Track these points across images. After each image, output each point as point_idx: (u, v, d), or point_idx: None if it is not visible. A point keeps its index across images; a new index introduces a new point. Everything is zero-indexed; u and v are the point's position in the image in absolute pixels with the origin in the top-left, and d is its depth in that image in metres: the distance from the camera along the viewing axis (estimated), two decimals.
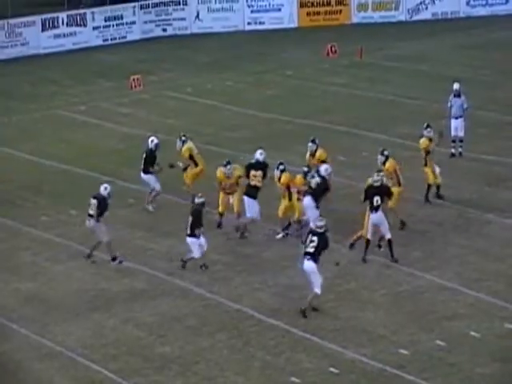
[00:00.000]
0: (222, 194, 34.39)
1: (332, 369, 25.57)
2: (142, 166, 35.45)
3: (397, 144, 35.56)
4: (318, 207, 32.01)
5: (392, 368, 25.40)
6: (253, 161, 34.14)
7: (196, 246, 30.30)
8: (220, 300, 29.14)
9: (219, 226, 34.45)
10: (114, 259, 31.55)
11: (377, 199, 30.87)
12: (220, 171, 33.93)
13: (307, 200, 32.15)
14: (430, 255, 31.10)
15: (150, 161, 35.39)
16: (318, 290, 27.44)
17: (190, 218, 30.39)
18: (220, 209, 34.31)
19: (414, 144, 34.94)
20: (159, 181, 35.52)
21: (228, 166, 33.73)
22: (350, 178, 35.08)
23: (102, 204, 31.40)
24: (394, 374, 25.16)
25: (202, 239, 30.52)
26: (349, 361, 25.90)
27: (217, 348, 26.67)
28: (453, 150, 36.60)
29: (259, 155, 33.87)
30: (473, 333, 26.65)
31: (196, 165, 35.45)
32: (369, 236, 31.34)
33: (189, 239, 30.41)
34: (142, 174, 35.51)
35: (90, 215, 31.62)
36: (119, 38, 59.66)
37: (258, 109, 45.91)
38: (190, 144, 35.57)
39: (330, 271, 28.45)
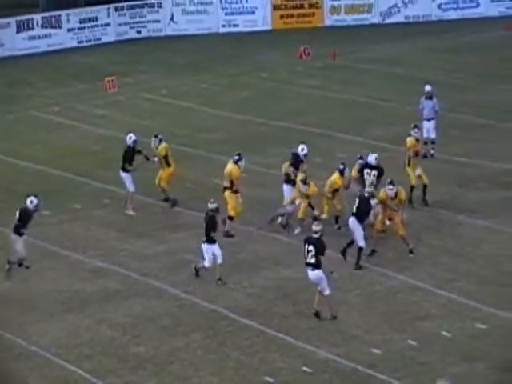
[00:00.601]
0: (229, 194, 33.73)
1: (305, 368, 25.57)
2: (121, 164, 35.41)
3: (371, 146, 35.51)
4: None
5: (364, 367, 25.42)
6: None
7: (210, 253, 29.65)
8: (195, 300, 29.11)
9: (228, 234, 33.48)
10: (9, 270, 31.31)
11: (357, 206, 31.09)
12: (232, 167, 33.58)
13: None
14: (402, 256, 31.10)
15: (128, 158, 35.33)
16: (327, 292, 27.32)
17: (205, 225, 29.83)
18: (232, 211, 33.63)
19: (388, 146, 34.98)
20: (135, 182, 35.40)
21: (240, 162, 33.68)
22: (325, 179, 34.99)
23: (24, 217, 30.78)
24: (367, 374, 25.17)
25: (217, 248, 29.94)
26: (322, 360, 25.92)
27: (191, 348, 26.63)
28: (424, 152, 36.55)
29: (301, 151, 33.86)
30: (444, 333, 26.70)
31: (169, 165, 35.34)
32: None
33: (204, 245, 29.83)
34: (121, 172, 35.45)
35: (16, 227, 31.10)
36: (94, 40, 59.65)
37: (233, 111, 45.95)
38: (165, 144, 35.47)
39: (303, 272, 28.41)
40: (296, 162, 33.72)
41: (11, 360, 26.84)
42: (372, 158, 32.66)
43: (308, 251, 27.14)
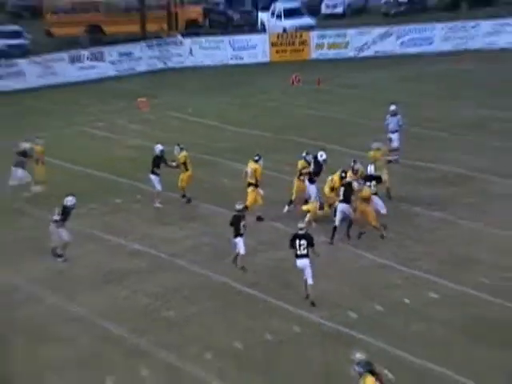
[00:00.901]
0: (251, 188, 33.39)
1: (296, 328, 25.68)
2: (151, 168, 35.35)
3: (348, 153, 35.49)
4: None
5: (344, 327, 25.53)
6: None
7: (241, 243, 28.95)
8: (209, 274, 29.13)
9: (260, 218, 33.45)
10: (60, 256, 31.11)
11: (343, 193, 31.13)
12: (253, 165, 33.20)
13: None
14: (372, 240, 31.05)
15: (156, 163, 35.31)
16: (311, 281, 26.98)
17: (233, 223, 29.07)
18: (249, 202, 33.16)
19: (360, 153, 34.91)
20: (161, 182, 35.37)
21: (260, 161, 33.28)
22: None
23: (64, 212, 30.81)
24: (346, 332, 25.29)
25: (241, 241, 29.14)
26: (311, 322, 25.98)
27: (207, 313, 26.71)
28: (390, 158, 36.46)
29: (320, 156, 33.50)
30: (406, 300, 26.78)
31: (187, 169, 35.33)
32: (336, 223, 31.38)
33: (235, 239, 29.17)
34: (150, 174, 35.46)
35: (54, 220, 30.89)
36: (129, 70, 59.48)
37: (240, 125, 45.97)
38: (185, 152, 35.38)
39: (287, 249, 28.29)
40: (317, 167, 33.40)
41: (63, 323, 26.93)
42: (371, 169, 32.61)
43: (300, 245, 26.91)
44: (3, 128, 47.39)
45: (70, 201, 30.88)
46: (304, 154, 33.43)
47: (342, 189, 31.22)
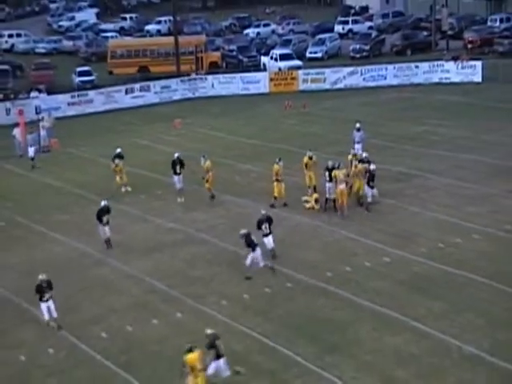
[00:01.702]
0: (276, 183, 32.65)
1: (288, 284, 25.69)
2: (172, 170, 34.82)
3: (323, 157, 35.30)
4: None
5: (322, 283, 25.57)
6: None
7: (267, 241, 27.31)
8: (224, 245, 29.12)
9: (272, 206, 32.44)
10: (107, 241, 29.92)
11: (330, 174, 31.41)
12: (276, 166, 32.48)
13: None
14: (343, 221, 31.04)
15: (173, 167, 34.55)
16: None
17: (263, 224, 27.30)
18: (276, 194, 32.72)
19: (335, 157, 34.80)
20: (181, 181, 34.73)
21: (280, 163, 32.54)
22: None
23: (100, 212, 29.64)
24: (324, 287, 25.31)
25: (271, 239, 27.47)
26: (298, 278, 26.00)
27: (223, 273, 26.72)
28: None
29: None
30: (367, 263, 26.87)
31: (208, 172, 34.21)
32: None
33: (263, 239, 27.36)
34: (173, 175, 34.94)
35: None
36: (168, 98, 59.39)
37: (247, 137, 45.82)
38: (209, 161, 34.48)
39: (283, 228, 28.29)
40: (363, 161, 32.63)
41: (122, 279, 26.98)
42: (374, 167, 31.84)
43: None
44: (89, 142, 47.56)
45: (103, 203, 29.95)
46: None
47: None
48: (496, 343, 21.25)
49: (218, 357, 19.57)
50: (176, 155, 35.02)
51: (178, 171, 34.71)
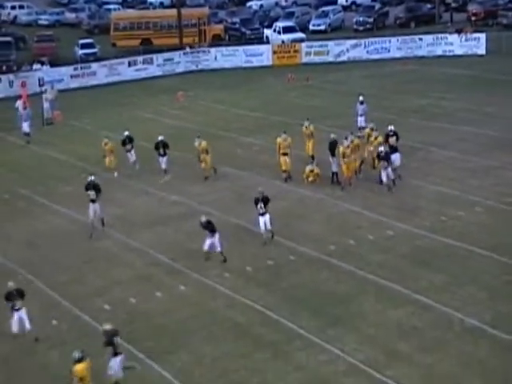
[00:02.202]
0: (281, 156, 32.38)
1: (291, 256, 25.66)
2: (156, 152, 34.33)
3: (325, 130, 35.18)
4: None
5: (325, 256, 25.53)
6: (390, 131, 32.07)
7: (262, 221, 26.65)
8: (228, 218, 29.00)
9: (286, 180, 32.40)
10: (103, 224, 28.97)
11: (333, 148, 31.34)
12: (279, 139, 32.24)
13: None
14: (347, 194, 30.96)
15: (157, 148, 34.12)
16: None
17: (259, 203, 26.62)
18: (283, 167, 32.43)
19: (335, 130, 34.69)
20: (166, 162, 34.23)
21: (283, 135, 32.24)
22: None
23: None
24: (327, 259, 25.27)
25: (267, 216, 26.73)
26: (301, 251, 25.98)
27: (226, 245, 26.55)
28: (359, 134, 36.04)
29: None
30: (370, 236, 26.77)
31: (207, 153, 33.36)
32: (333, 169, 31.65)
33: (259, 217, 26.76)
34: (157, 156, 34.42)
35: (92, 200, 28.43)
36: (171, 71, 59.09)
37: (249, 110, 45.71)
38: (204, 141, 33.52)
39: (287, 200, 28.14)
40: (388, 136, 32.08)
41: (125, 252, 26.96)
42: (382, 149, 30.94)
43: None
44: (91, 114, 47.31)
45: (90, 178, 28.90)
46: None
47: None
48: (498, 316, 21.22)
49: (116, 354, 18.74)
50: (160, 138, 34.48)
51: (161, 153, 34.26)
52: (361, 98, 37.95)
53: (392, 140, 31.93)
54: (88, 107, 49.01)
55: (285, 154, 32.38)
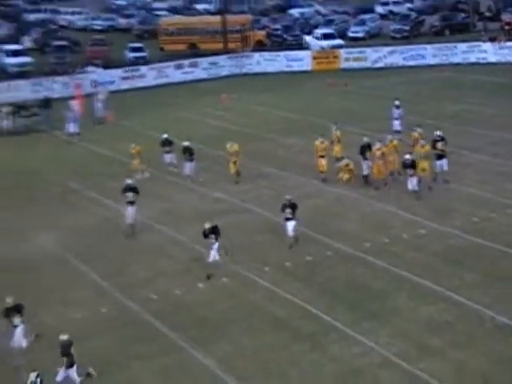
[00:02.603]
0: (318, 158, 32.31)
1: (328, 252, 25.53)
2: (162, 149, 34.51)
3: (361, 133, 34.80)
4: None
5: (361, 253, 25.38)
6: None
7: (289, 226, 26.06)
8: (268, 215, 28.92)
9: (324, 180, 32.12)
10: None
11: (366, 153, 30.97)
12: (316, 142, 32.20)
13: None
14: (381, 194, 30.69)
15: (163, 145, 34.51)
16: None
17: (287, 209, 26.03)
18: (320, 169, 32.12)
19: (370, 133, 34.40)
20: (172, 158, 34.55)
21: (320, 139, 32.20)
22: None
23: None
24: (362, 256, 25.14)
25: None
26: (337, 248, 25.85)
27: (266, 241, 26.57)
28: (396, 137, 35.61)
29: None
30: (404, 235, 26.58)
31: (238, 156, 32.91)
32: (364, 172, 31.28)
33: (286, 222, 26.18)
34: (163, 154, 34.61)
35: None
36: (216, 74, 59.19)
37: (290, 113, 45.57)
38: (236, 145, 33.08)
39: (324, 199, 28.03)
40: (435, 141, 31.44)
41: (170, 244, 26.96)
42: (407, 157, 30.17)
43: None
44: (140, 114, 47.47)
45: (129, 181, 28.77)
46: (334, 129, 32.69)
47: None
48: None
49: (71, 365, 18.06)
50: (164, 136, 34.64)
51: (167, 150, 34.51)
52: (397, 103, 37.70)
53: (439, 145, 31.32)
54: (137, 108, 49.24)
55: (322, 157, 32.26)
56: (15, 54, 60.42)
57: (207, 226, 24.42)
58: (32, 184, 35.03)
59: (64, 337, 18.21)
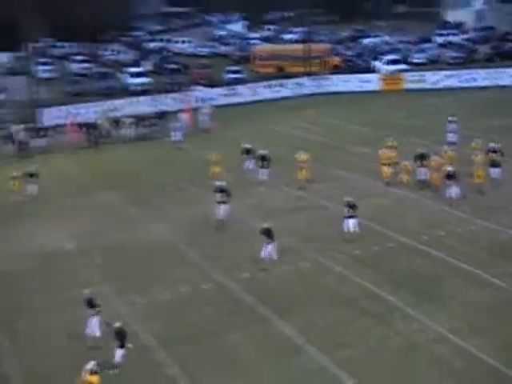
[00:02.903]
0: (382, 166, 31.44)
1: (391, 244, 25.02)
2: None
3: (422, 144, 34.00)
4: None
5: (420, 244, 24.87)
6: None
7: (350, 223, 25.13)
8: (339, 211, 28.26)
9: (388, 183, 31.00)
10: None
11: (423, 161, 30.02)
12: (380, 151, 31.89)
13: None
14: (438, 196, 29.84)
15: (243, 153, 33.88)
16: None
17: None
18: (384, 175, 31.31)
19: (430, 144, 33.60)
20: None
21: (383, 149, 31.72)
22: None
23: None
24: (421, 248, 24.61)
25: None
26: (400, 241, 25.25)
27: (337, 233, 25.94)
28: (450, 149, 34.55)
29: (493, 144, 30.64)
30: (458, 230, 25.84)
31: (306, 165, 31.96)
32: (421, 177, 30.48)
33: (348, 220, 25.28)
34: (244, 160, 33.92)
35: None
36: (299, 93, 58.52)
37: (361, 126, 44.87)
38: (304, 154, 32.17)
39: (388, 199, 27.33)
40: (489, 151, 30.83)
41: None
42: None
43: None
44: (236, 126, 47.61)
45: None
46: (390, 140, 31.84)
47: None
48: None
49: (122, 346, 17.76)
50: (246, 145, 33.98)
51: (248, 158, 33.84)
52: (451, 118, 36.82)
53: (492, 155, 30.36)
54: (233, 121, 49.25)
55: (385, 164, 31.66)
56: (137, 75, 61.41)
57: (264, 226, 23.47)
58: (148, 181, 35.29)
59: (117, 324, 17.87)
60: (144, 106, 51.86)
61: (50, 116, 48.49)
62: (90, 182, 35.75)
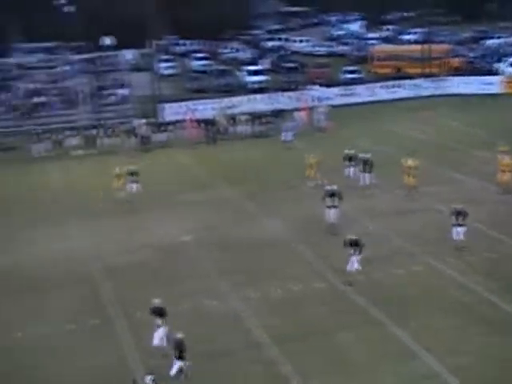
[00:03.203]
0: (500, 172, 30.27)
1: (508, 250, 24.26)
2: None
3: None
4: None
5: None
6: None
7: (459, 231, 24.44)
8: (446, 211, 27.73)
9: (503, 191, 30.15)
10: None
11: None
12: (499, 156, 30.86)
13: None
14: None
15: (345, 160, 32.77)
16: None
17: None
18: (499, 181, 30.30)
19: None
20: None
21: (503, 155, 30.79)
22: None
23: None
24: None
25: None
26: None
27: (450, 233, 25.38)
28: None
29: None
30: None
31: (414, 170, 30.77)
32: None
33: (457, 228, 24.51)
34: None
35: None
36: (417, 94, 56.95)
37: (478, 129, 43.00)
38: (410, 160, 31.07)
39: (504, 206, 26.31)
40: None
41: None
42: None
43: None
44: (352, 126, 47.32)
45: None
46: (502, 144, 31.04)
47: None
48: None
49: (181, 358, 17.23)
50: (348, 151, 33.08)
51: (349, 165, 32.83)
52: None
53: None
54: (349, 121, 49.04)
55: (504, 171, 30.50)
56: (255, 73, 62.41)
57: (349, 237, 22.76)
58: (262, 178, 35.32)
59: (179, 335, 17.28)
60: (261, 103, 52.66)
61: (171, 111, 50.19)
62: (207, 177, 36.64)
